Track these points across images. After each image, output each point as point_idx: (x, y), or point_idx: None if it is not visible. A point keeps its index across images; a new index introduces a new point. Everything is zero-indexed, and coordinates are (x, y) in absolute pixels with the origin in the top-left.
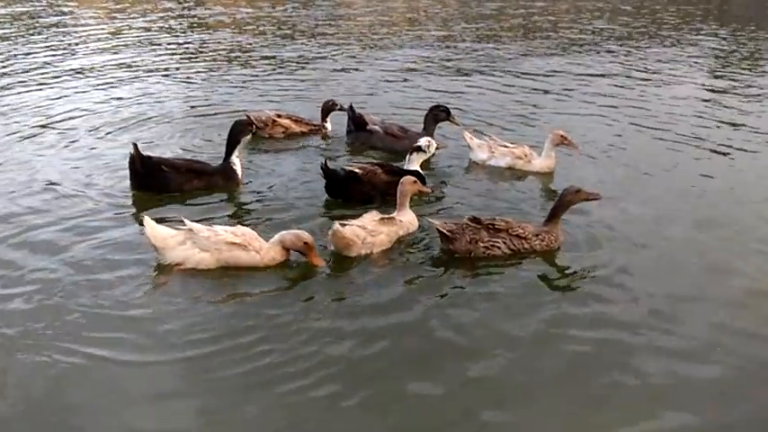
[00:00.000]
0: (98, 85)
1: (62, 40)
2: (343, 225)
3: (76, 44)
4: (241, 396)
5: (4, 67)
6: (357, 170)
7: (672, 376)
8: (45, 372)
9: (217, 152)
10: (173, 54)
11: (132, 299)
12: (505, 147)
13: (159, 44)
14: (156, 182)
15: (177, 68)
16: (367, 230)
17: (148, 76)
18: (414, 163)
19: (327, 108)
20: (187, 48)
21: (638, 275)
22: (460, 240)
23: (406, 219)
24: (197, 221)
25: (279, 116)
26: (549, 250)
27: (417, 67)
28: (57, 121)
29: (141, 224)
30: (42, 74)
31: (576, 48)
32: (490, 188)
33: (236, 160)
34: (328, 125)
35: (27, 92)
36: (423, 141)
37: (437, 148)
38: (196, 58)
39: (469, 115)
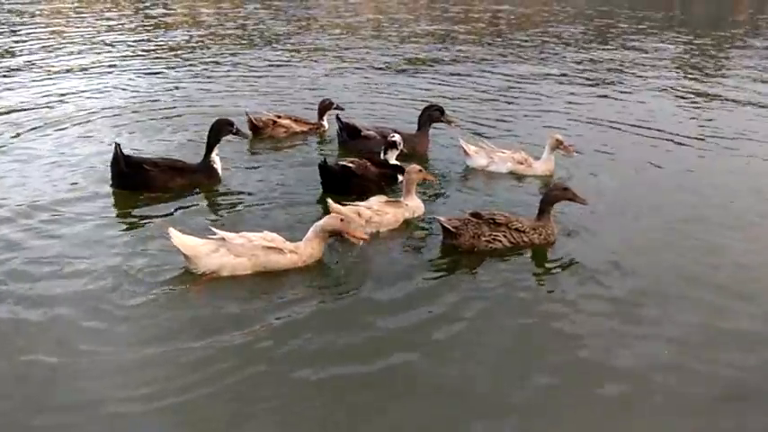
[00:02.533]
0: (55, 83)
1: (16, 37)
2: (344, 205)
3: (32, 41)
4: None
5: None
6: (350, 165)
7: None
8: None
9: (180, 151)
10: (134, 52)
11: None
12: (503, 152)
13: (119, 43)
14: (141, 181)
15: (139, 67)
16: (372, 210)
17: (107, 74)
18: (392, 160)
19: (324, 107)
20: (147, 47)
21: (628, 264)
22: (464, 236)
23: (413, 203)
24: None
25: (279, 117)
26: (547, 243)
27: (387, 67)
28: (18, 121)
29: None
30: None
31: (543, 52)
32: (490, 192)
33: (216, 158)
34: (325, 123)
35: None
36: (397, 137)
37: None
38: (157, 56)
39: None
